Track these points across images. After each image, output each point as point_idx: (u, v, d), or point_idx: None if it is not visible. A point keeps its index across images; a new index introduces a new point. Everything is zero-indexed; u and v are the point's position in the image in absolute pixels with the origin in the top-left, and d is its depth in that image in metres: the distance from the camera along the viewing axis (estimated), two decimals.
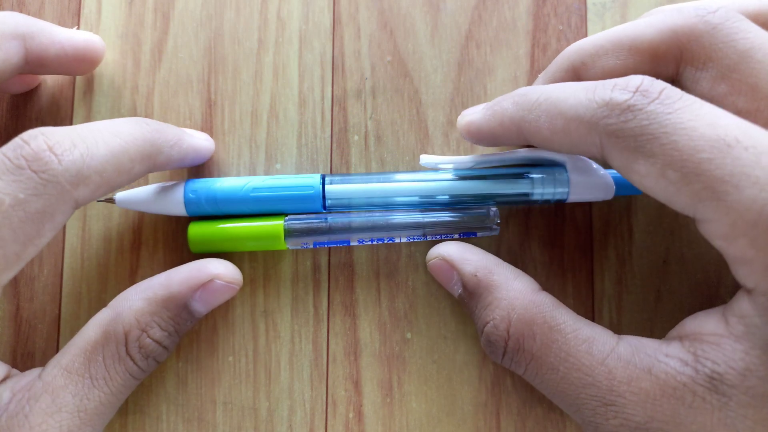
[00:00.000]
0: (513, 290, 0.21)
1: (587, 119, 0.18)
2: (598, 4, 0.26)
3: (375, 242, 0.24)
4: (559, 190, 0.22)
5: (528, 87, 0.21)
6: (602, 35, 0.21)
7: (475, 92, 0.25)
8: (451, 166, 0.24)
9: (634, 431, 0.18)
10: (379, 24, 0.26)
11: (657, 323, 0.24)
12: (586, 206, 0.25)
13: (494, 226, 0.23)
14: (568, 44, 0.25)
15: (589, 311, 0.25)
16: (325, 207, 0.24)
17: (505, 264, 0.22)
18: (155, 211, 0.24)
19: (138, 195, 0.24)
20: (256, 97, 0.26)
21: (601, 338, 0.20)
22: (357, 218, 0.24)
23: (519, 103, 0.20)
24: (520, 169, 0.23)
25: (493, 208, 0.23)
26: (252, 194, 0.23)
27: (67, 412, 0.20)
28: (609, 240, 0.25)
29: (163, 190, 0.24)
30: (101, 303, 0.25)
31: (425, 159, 0.24)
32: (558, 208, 0.25)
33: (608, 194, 0.22)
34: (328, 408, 0.24)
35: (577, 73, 0.22)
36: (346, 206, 0.24)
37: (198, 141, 0.24)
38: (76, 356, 0.21)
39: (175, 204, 0.23)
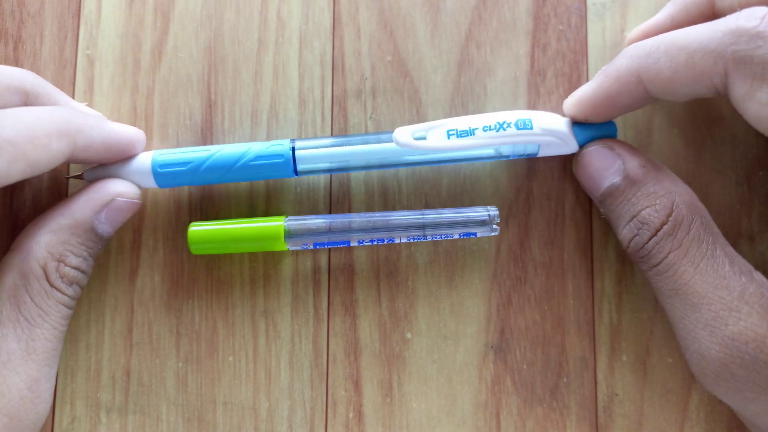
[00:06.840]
0: (680, 186, 0.22)
1: (713, 48, 0.19)
2: (598, 4, 0.26)
3: (375, 243, 0.24)
4: (530, 147, 0.23)
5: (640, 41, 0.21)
6: None
7: (475, 92, 0.25)
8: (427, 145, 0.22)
9: (751, 342, 0.19)
10: (379, 24, 0.26)
11: (657, 323, 0.24)
12: (586, 206, 0.25)
13: (494, 226, 0.23)
14: (568, 44, 0.26)
15: (589, 311, 0.25)
16: (296, 172, 0.23)
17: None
18: None
19: (106, 168, 0.24)
20: (256, 97, 0.26)
21: (743, 262, 0.21)
22: (357, 218, 0.24)
23: (634, 54, 0.21)
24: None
25: (494, 209, 0.23)
26: (220, 161, 0.23)
27: (18, 359, 0.20)
28: (609, 240, 0.25)
29: (131, 161, 0.23)
30: (101, 303, 0.25)
31: (400, 137, 0.22)
32: (558, 207, 0.25)
33: (573, 147, 0.23)
34: (328, 408, 0.24)
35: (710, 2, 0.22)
36: (317, 171, 0.24)
37: (121, 126, 0.23)
38: (2, 306, 0.21)
39: (143, 175, 0.23)
